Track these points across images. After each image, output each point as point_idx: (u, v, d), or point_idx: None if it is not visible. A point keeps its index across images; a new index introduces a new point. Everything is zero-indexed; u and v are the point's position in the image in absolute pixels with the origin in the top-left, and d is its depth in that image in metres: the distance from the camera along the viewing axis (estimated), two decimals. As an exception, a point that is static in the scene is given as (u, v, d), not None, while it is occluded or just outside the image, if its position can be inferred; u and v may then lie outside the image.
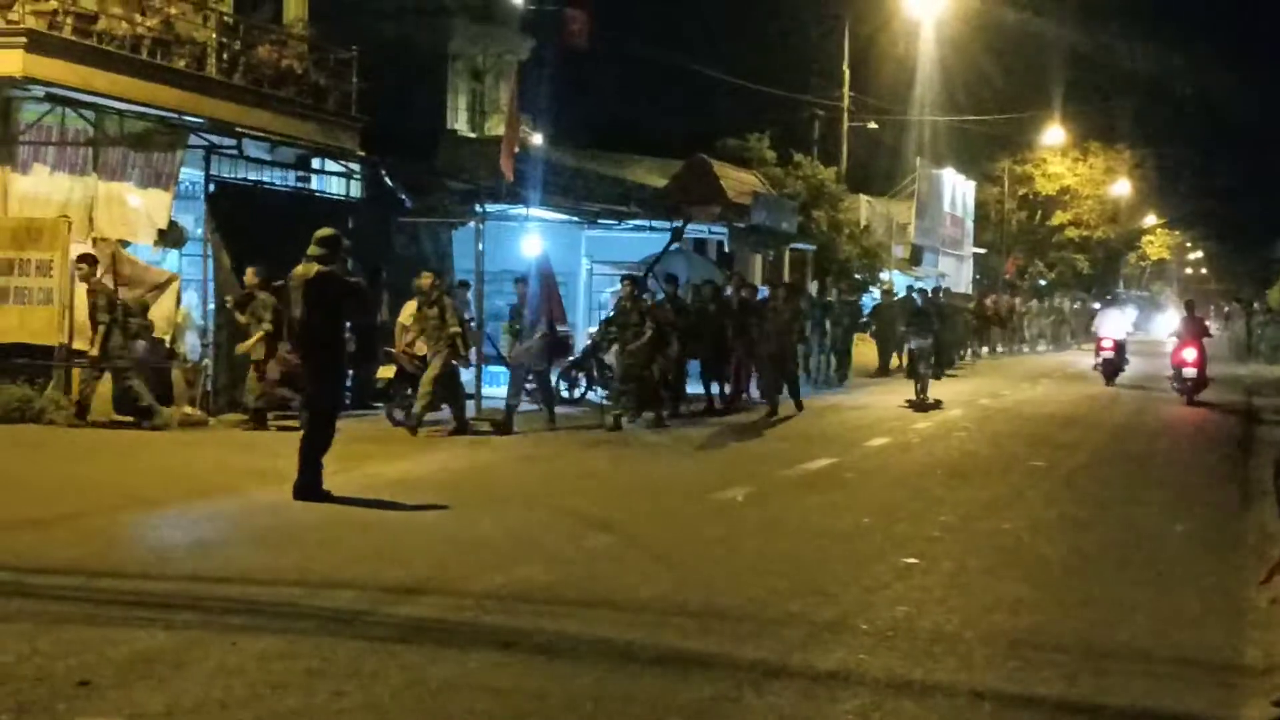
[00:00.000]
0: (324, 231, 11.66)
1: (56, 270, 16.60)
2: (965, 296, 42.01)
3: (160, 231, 17.58)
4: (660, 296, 20.70)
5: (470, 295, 19.95)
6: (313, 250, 11.53)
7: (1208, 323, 29.21)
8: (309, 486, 11.32)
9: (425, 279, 16.79)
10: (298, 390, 16.13)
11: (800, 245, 38.64)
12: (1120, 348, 29.92)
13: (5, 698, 5.98)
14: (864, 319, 32.25)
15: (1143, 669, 7.13)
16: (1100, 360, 30.01)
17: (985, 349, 40.47)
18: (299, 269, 11.55)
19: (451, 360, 16.47)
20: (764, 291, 24.15)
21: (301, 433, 11.69)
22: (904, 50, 48.36)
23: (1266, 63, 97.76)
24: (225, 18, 20.93)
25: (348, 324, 12.79)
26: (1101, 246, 69.49)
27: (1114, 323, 31.17)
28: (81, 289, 16.85)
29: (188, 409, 16.59)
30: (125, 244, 17.52)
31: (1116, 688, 6.78)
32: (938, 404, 22.83)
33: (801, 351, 26.04)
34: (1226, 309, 60.02)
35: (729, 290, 23.00)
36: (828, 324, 27.49)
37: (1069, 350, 47.26)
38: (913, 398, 23.05)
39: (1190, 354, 25.01)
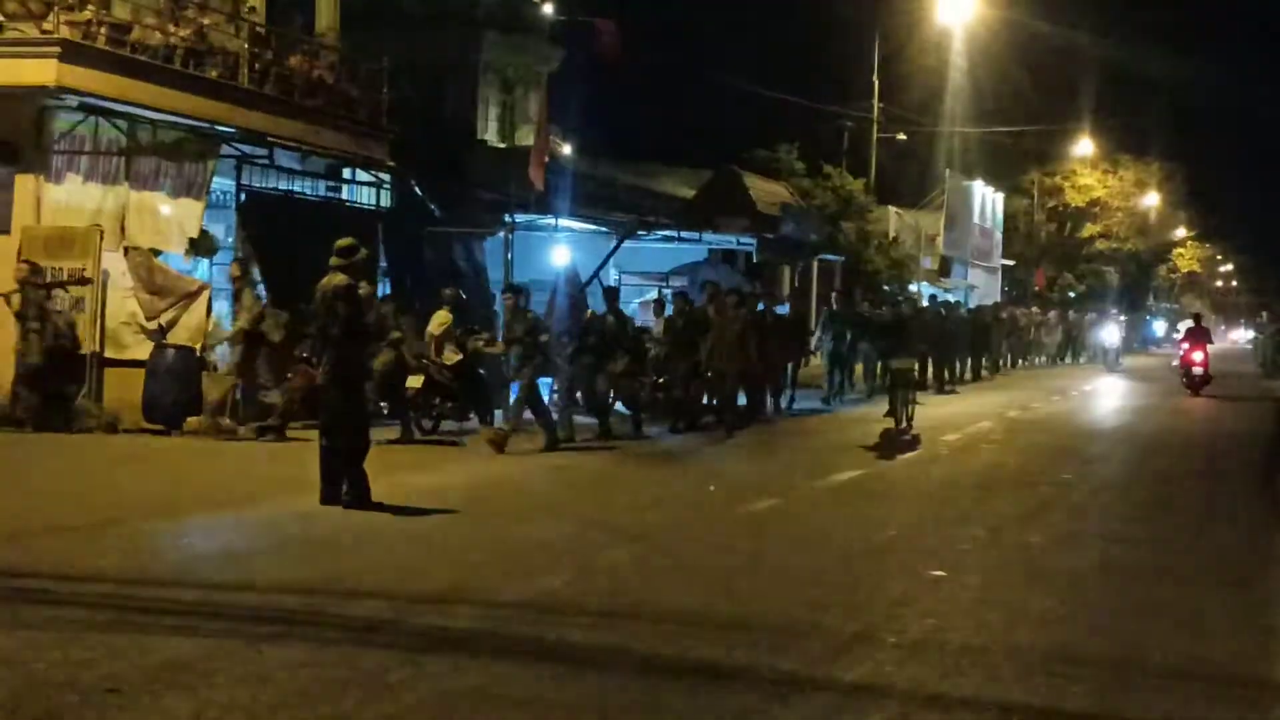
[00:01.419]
0: (342, 241, 11.80)
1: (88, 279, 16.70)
2: (991, 307, 41.64)
3: (191, 241, 17.68)
4: (670, 306, 20.47)
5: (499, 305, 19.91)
6: (334, 261, 11.67)
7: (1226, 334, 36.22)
8: (360, 496, 11.41)
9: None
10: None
11: (828, 256, 38.66)
12: (1208, 360, 33.92)
13: (36, 704, 6.02)
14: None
15: (1171, 684, 7.09)
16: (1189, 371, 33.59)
17: (1004, 362, 39.81)
18: (325, 280, 11.66)
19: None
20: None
21: (322, 444, 11.70)
22: (934, 62, 48.33)
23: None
24: (257, 28, 21.04)
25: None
26: (1132, 259, 69.24)
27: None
28: (116, 295, 17.01)
29: (218, 418, 16.66)
30: (157, 253, 17.62)
31: (1144, 702, 6.75)
32: (915, 440, 18.95)
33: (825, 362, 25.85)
34: (1258, 320, 59.47)
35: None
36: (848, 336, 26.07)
37: (1082, 365, 46.22)
38: (892, 429, 19.49)
39: (1198, 356, 30.62)
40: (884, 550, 10.60)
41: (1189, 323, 38.45)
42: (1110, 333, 43.96)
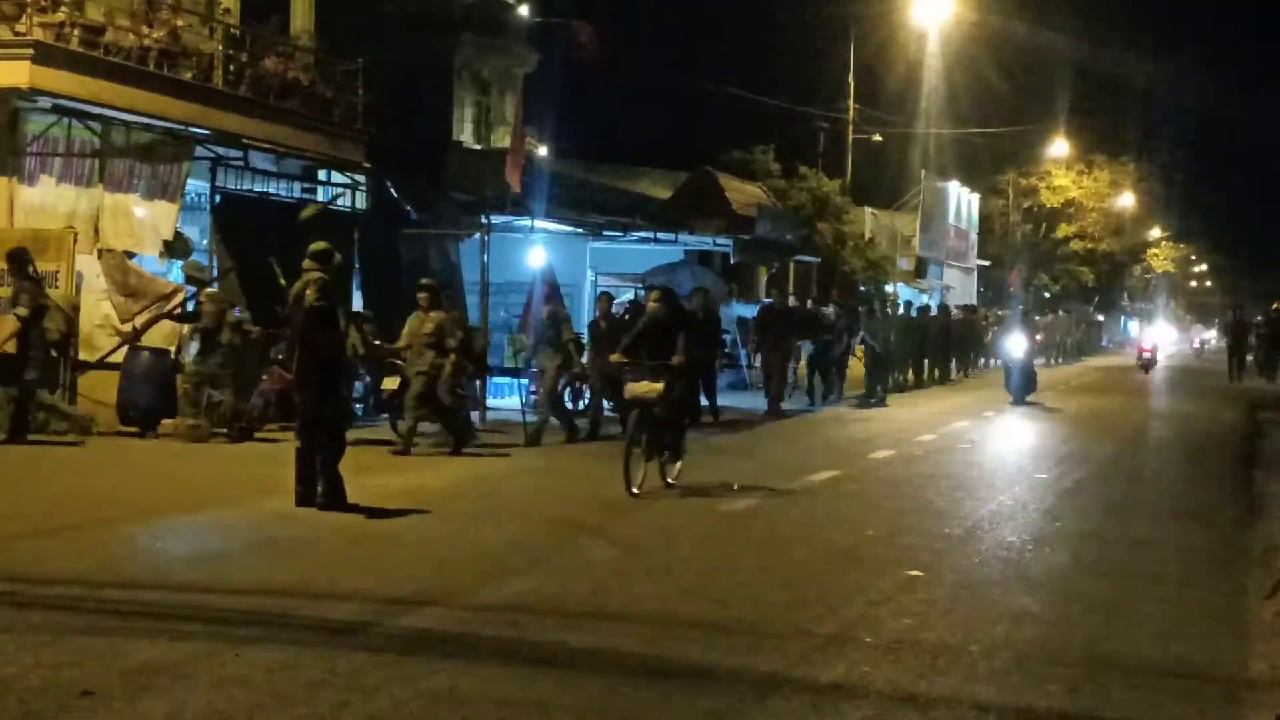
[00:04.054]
0: (316, 245, 11.81)
1: (62, 281, 16.61)
2: (969, 309, 41.43)
3: (166, 243, 17.63)
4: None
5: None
6: (307, 264, 11.68)
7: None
8: (336, 497, 11.42)
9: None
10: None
11: (805, 257, 38.69)
12: (1155, 350, 44.85)
13: (10, 708, 5.99)
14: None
15: (1146, 682, 7.13)
16: (1140, 357, 43.71)
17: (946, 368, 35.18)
18: (299, 283, 11.66)
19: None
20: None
21: (297, 445, 11.70)
22: (909, 63, 48.40)
23: (1273, 77, 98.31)
24: (232, 30, 20.98)
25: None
26: (1106, 259, 69.53)
27: (1155, 334, 50.29)
28: (90, 298, 16.94)
29: (191, 420, 16.59)
30: (131, 255, 17.55)
31: (1120, 700, 6.78)
32: (669, 487, 13.44)
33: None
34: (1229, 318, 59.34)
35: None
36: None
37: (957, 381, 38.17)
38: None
39: (1148, 344, 44.62)
40: (860, 550, 10.62)
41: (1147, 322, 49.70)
42: (1017, 343, 27.77)
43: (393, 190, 22.57)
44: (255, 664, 6.73)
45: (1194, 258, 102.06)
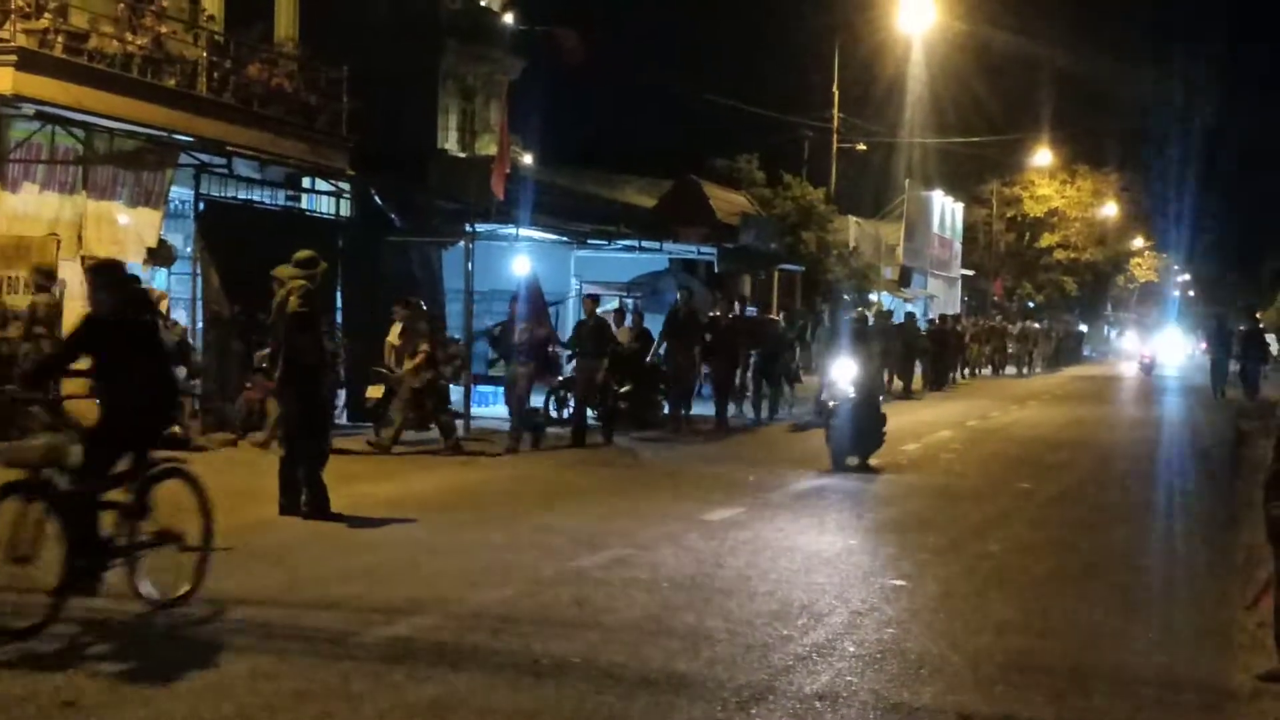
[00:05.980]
0: (301, 254, 11.82)
1: (45, 288, 16.55)
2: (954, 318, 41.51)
3: (150, 250, 17.56)
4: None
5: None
6: (292, 272, 11.67)
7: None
8: (319, 506, 11.45)
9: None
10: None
11: (789, 266, 38.74)
12: (1154, 356, 49.11)
13: (-9, 718, 5.98)
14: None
15: (1129, 691, 7.15)
16: (1141, 362, 48.43)
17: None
18: (280, 291, 11.66)
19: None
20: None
21: (280, 454, 11.72)
22: (894, 73, 48.53)
23: (1254, 86, 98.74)
24: (216, 36, 20.91)
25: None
26: (1089, 268, 69.77)
27: (1154, 341, 54.25)
28: (73, 305, 16.87)
29: (174, 429, 16.53)
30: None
31: (1103, 710, 6.81)
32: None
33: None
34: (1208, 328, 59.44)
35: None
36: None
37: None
38: None
39: (1147, 350, 49.58)
40: (844, 559, 10.63)
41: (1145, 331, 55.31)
42: (844, 371, 16.96)
43: (377, 197, 22.53)
44: (239, 673, 6.72)
45: (1177, 267, 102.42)
